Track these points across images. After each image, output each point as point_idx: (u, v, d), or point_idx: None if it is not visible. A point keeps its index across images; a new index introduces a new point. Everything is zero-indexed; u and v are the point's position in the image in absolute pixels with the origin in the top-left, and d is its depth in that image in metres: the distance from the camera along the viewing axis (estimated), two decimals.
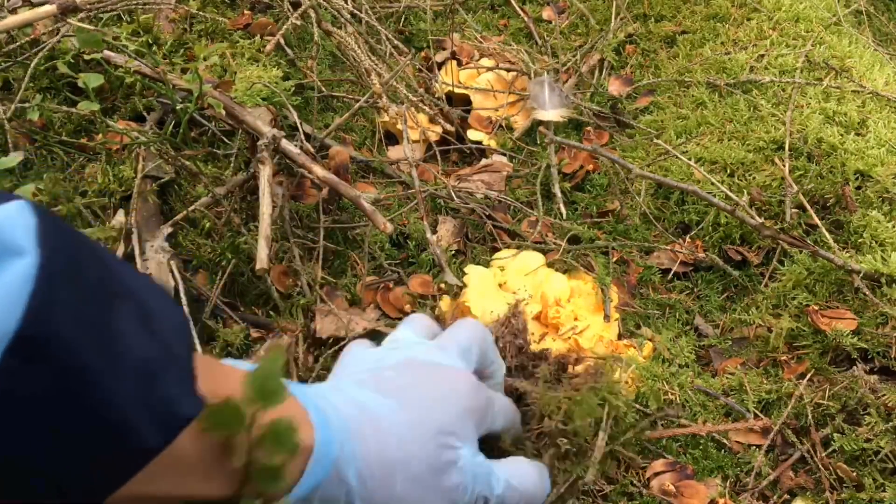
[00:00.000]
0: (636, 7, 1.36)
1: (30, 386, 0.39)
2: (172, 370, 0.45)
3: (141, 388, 0.43)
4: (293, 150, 0.94)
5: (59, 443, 0.41)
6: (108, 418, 0.42)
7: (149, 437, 0.43)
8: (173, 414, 0.45)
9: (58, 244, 0.40)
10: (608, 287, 0.92)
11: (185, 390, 0.46)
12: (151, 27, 1.14)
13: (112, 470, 0.43)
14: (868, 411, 0.77)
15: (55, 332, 0.39)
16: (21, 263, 0.38)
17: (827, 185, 1.00)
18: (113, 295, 0.44)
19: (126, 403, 0.42)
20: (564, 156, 1.13)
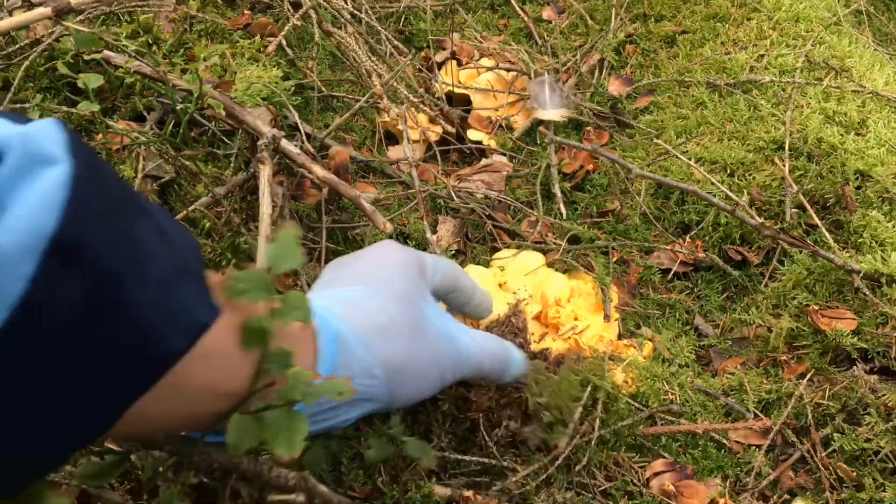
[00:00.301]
0: (636, 7, 1.36)
1: (66, 288, 0.40)
2: (190, 280, 0.47)
3: (163, 295, 0.44)
4: (293, 150, 0.94)
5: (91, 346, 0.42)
6: (135, 322, 0.43)
7: (171, 341, 0.45)
8: (194, 319, 0.46)
9: (85, 155, 0.42)
10: (608, 287, 0.92)
11: (202, 298, 0.48)
12: (151, 27, 1.14)
13: (137, 375, 0.45)
14: (868, 411, 0.77)
15: (88, 237, 0.40)
16: (55, 171, 0.40)
17: (827, 185, 1.00)
18: (133, 208, 0.45)
19: (150, 308, 0.44)
20: (564, 156, 1.13)
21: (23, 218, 0.38)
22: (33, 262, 0.38)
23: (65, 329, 0.40)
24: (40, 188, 0.39)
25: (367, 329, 0.63)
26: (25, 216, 0.38)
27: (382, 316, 0.65)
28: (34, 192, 0.39)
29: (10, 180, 0.40)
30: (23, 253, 0.38)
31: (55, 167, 0.40)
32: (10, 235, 0.38)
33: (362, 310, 0.65)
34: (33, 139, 0.41)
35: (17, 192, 0.39)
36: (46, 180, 0.39)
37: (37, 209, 0.39)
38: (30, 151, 0.40)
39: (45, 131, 0.41)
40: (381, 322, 0.64)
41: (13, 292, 0.38)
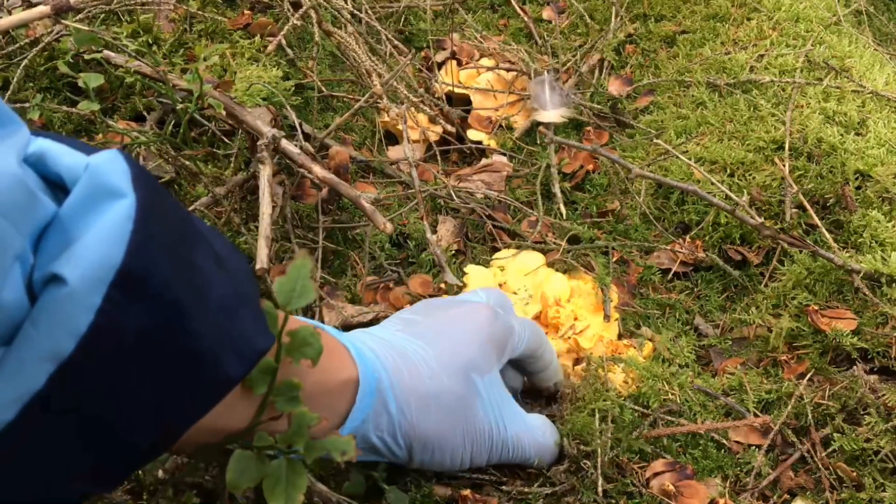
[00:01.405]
0: (636, 7, 1.36)
1: (132, 319, 0.41)
2: (246, 307, 0.48)
3: (222, 322, 0.46)
4: (293, 150, 0.94)
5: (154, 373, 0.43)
6: (197, 350, 0.44)
7: (230, 367, 0.46)
8: (251, 346, 0.48)
9: (149, 187, 0.43)
10: (608, 287, 0.92)
11: (258, 326, 0.49)
12: (151, 27, 1.14)
13: (197, 399, 0.46)
14: (868, 411, 0.77)
15: (153, 268, 0.42)
16: (122, 204, 0.41)
17: (827, 185, 1.00)
18: (193, 237, 0.47)
19: (212, 336, 0.45)
20: (564, 156, 1.13)
21: (91, 251, 0.40)
22: (100, 294, 0.39)
23: (129, 358, 0.42)
24: (108, 221, 0.40)
25: (410, 392, 0.63)
26: (94, 249, 0.40)
27: (432, 384, 0.64)
28: (102, 226, 0.40)
29: (78, 212, 0.41)
30: (91, 285, 0.39)
31: (121, 200, 0.41)
32: (79, 269, 0.39)
33: (414, 369, 0.64)
34: (100, 172, 0.42)
35: (85, 224, 0.41)
36: (113, 213, 0.41)
37: (104, 242, 0.40)
38: (97, 184, 0.42)
39: (112, 164, 0.43)
40: (427, 389, 0.64)
41: (82, 324, 0.39)
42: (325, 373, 0.58)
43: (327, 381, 0.58)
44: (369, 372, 0.61)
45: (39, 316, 0.39)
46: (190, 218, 0.48)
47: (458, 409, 0.66)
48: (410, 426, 0.63)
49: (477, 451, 0.67)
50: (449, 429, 0.65)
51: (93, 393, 0.41)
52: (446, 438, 0.65)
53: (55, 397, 0.40)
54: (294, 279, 0.51)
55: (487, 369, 0.68)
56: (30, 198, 0.40)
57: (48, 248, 0.41)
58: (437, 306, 0.74)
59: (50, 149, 0.43)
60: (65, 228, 0.41)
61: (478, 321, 0.70)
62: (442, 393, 0.65)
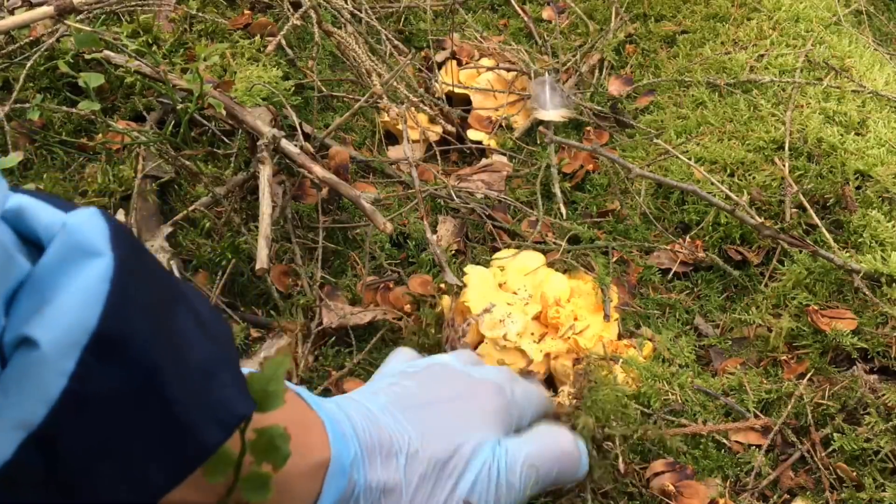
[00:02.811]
0: (636, 7, 1.36)
1: (105, 383, 0.39)
2: (227, 371, 0.47)
3: (202, 387, 0.44)
4: (293, 150, 0.94)
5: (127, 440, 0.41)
6: (174, 416, 0.43)
7: (208, 435, 0.45)
8: (231, 412, 0.46)
9: (128, 248, 0.42)
10: (608, 287, 0.92)
11: (239, 390, 0.47)
12: (151, 27, 1.14)
13: (173, 467, 0.44)
14: (868, 411, 0.77)
15: (129, 332, 0.40)
16: (98, 264, 0.40)
17: (827, 185, 1.00)
18: (173, 298, 0.45)
19: (190, 402, 0.43)
20: (564, 156, 1.13)
21: (65, 313, 0.38)
22: (74, 359, 0.38)
23: (102, 424, 0.40)
24: (83, 282, 0.39)
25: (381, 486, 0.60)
26: (68, 311, 0.38)
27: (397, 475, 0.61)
28: (77, 286, 0.39)
29: (53, 272, 0.39)
30: (64, 349, 0.38)
31: (98, 259, 0.40)
32: (52, 333, 0.38)
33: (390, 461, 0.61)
34: (77, 230, 0.40)
35: (60, 284, 0.39)
36: (89, 274, 0.39)
37: (79, 304, 0.38)
38: (73, 242, 0.40)
39: (89, 222, 0.41)
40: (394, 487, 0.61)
41: (53, 390, 0.38)
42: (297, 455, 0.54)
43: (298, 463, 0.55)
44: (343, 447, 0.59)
45: (9, 382, 0.37)
46: (171, 278, 0.47)
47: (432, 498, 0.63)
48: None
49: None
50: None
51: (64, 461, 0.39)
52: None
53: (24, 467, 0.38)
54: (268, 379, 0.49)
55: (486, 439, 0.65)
56: (4, 257, 0.39)
57: (20, 309, 0.39)
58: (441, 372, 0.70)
59: (28, 205, 0.42)
60: (38, 289, 0.39)
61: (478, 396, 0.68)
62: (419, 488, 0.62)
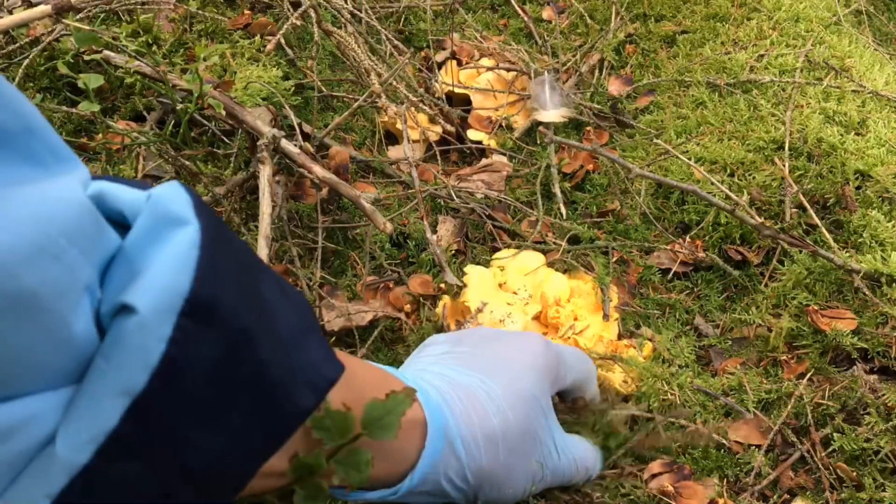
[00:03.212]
0: (636, 7, 1.36)
1: (202, 347, 0.40)
2: (313, 335, 0.47)
3: (292, 352, 0.45)
4: (293, 150, 0.94)
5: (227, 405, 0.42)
6: (268, 380, 0.43)
7: (301, 398, 0.45)
8: (322, 376, 0.47)
9: (210, 216, 0.42)
10: (608, 287, 0.92)
11: (326, 354, 0.48)
12: (151, 27, 1.14)
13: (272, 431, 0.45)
14: (868, 411, 0.77)
15: (221, 296, 0.40)
16: (186, 232, 0.40)
17: (827, 185, 1.00)
18: (255, 264, 0.46)
19: (282, 365, 0.44)
20: (564, 156, 1.13)
21: (159, 279, 0.38)
22: (171, 324, 0.38)
23: (202, 389, 0.40)
24: (173, 249, 0.39)
25: (476, 431, 0.61)
26: (162, 277, 0.38)
27: (497, 420, 0.62)
28: (168, 254, 0.39)
29: (143, 242, 0.40)
30: (161, 314, 0.38)
31: (186, 228, 0.40)
32: (148, 298, 0.38)
33: (479, 408, 0.62)
34: (162, 202, 0.41)
35: (151, 253, 0.40)
36: (179, 241, 0.40)
37: (172, 270, 0.39)
38: (160, 213, 0.41)
39: (173, 193, 0.42)
40: (493, 428, 0.62)
41: (154, 354, 0.38)
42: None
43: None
44: (435, 414, 0.59)
45: (110, 349, 0.38)
46: (250, 248, 0.47)
47: (524, 445, 0.64)
48: (479, 468, 0.61)
49: (537, 482, 0.66)
50: (517, 465, 0.63)
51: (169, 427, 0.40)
52: (514, 475, 0.63)
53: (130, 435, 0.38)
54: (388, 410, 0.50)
55: (544, 401, 0.66)
56: (98, 227, 0.39)
57: (115, 279, 0.39)
58: (488, 337, 0.71)
59: (108, 188, 0.43)
60: (130, 259, 0.40)
61: (532, 350, 0.68)
62: (508, 431, 0.62)
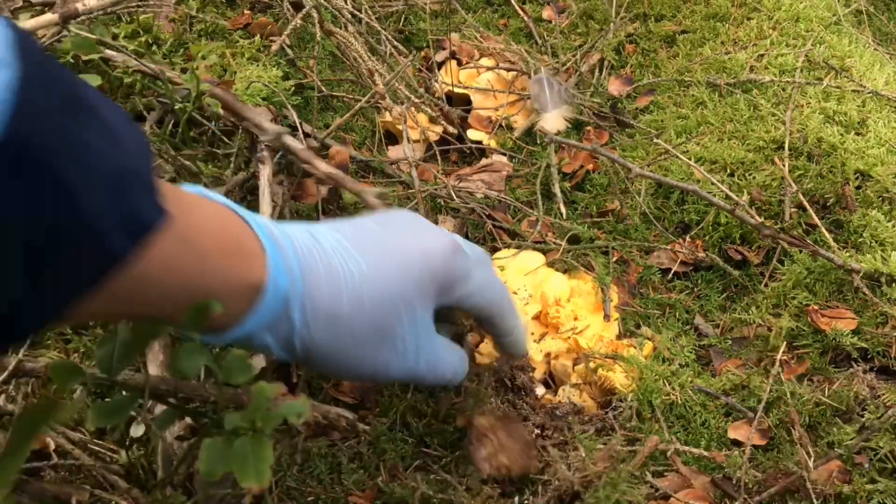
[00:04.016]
0: (636, 7, 1.36)
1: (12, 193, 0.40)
2: (136, 182, 0.47)
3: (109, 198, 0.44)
4: (297, 146, 0.93)
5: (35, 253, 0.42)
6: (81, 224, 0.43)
7: (116, 242, 0.45)
8: (138, 221, 0.46)
9: (34, 58, 0.41)
10: (608, 287, 0.93)
11: (148, 200, 0.47)
12: (151, 27, 1.14)
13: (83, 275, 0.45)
14: (867, 410, 0.77)
15: (36, 142, 0.40)
16: (2, 74, 0.39)
17: (827, 185, 1.00)
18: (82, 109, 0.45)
19: (96, 211, 0.44)
20: (564, 155, 1.13)
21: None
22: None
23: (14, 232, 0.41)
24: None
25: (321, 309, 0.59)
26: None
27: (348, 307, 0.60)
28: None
29: None
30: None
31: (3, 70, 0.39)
32: None
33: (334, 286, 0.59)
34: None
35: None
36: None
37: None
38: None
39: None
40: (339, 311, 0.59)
41: None
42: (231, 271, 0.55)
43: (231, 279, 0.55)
44: (281, 279, 0.57)
45: None
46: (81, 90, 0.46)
47: (370, 340, 0.61)
48: (311, 342, 0.59)
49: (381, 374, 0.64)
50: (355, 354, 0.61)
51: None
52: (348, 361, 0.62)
53: None
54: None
55: (419, 304, 0.63)
56: None
57: None
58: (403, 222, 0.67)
59: None
60: None
61: (432, 251, 0.64)
62: (356, 320, 0.60)
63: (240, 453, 0.51)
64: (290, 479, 0.72)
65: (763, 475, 0.75)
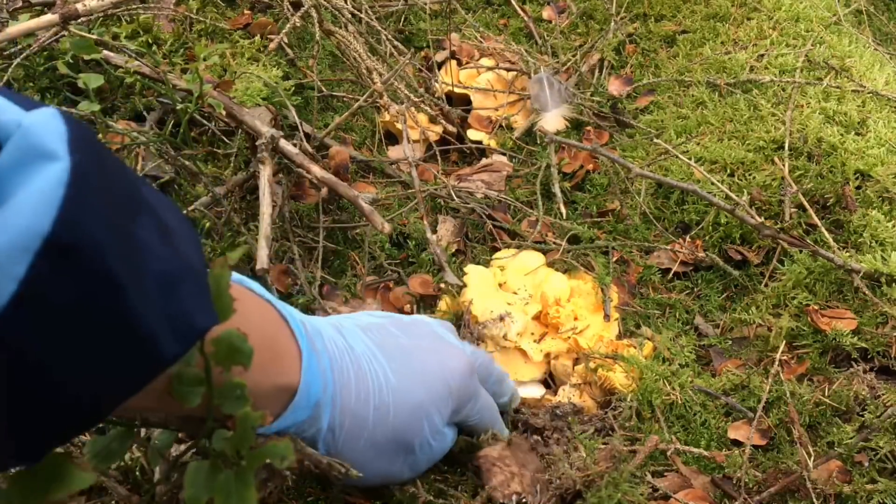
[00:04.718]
0: (636, 7, 1.36)
1: (58, 291, 0.38)
2: (190, 283, 0.46)
3: (161, 299, 0.43)
4: (292, 150, 0.94)
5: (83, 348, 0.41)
6: (131, 326, 0.42)
7: (167, 346, 0.44)
8: (190, 325, 0.45)
9: (88, 152, 0.40)
10: (608, 287, 0.92)
11: (201, 303, 0.46)
12: (151, 27, 1.14)
13: (129, 378, 0.44)
14: (867, 410, 0.77)
15: (85, 239, 0.39)
16: (54, 168, 0.38)
17: (827, 185, 1.00)
18: (136, 206, 0.44)
19: (148, 312, 0.42)
20: (564, 155, 1.13)
21: (18, 217, 0.37)
22: (25, 264, 0.37)
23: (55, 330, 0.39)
24: (38, 186, 0.38)
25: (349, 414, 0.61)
26: (20, 215, 0.37)
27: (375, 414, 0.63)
28: (32, 190, 0.37)
29: (7, 174, 0.38)
30: (16, 254, 0.37)
31: (55, 164, 0.38)
32: (4, 236, 0.36)
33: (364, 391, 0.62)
34: (32, 133, 0.39)
35: (13, 187, 0.38)
36: (45, 178, 0.38)
37: (33, 208, 0.37)
38: (29, 145, 0.39)
39: (47, 124, 0.40)
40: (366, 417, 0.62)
41: (3, 294, 0.37)
42: (266, 375, 0.56)
43: (263, 382, 0.55)
44: (314, 385, 0.59)
45: None
46: (136, 186, 0.45)
47: (389, 449, 0.64)
48: (333, 446, 0.62)
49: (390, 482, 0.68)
50: (374, 461, 0.64)
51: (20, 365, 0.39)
52: (367, 465, 0.63)
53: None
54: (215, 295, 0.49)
55: (437, 419, 0.67)
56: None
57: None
58: (423, 334, 0.71)
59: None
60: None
61: (453, 368, 0.68)
62: (378, 426, 0.63)
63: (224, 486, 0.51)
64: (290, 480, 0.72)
65: (763, 475, 0.75)
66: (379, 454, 0.64)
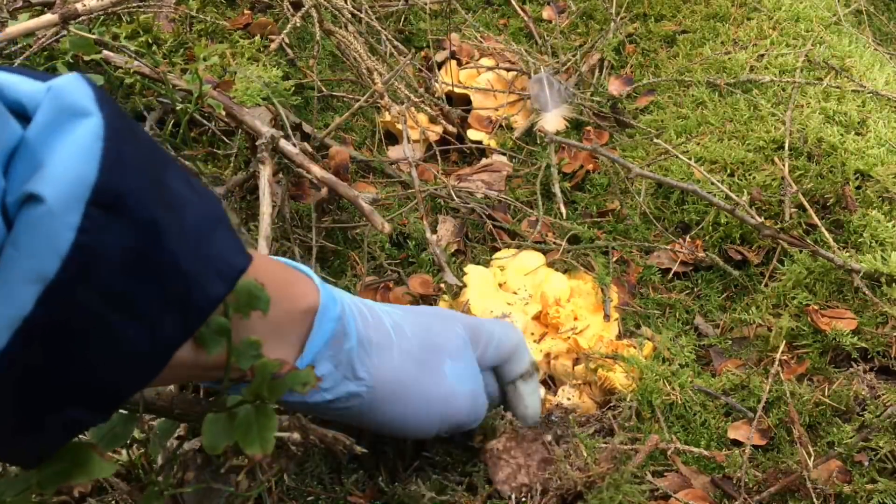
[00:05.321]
0: (636, 7, 1.36)
1: (111, 236, 0.40)
2: (222, 227, 0.48)
3: (201, 242, 0.45)
4: (291, 150, 0.94)
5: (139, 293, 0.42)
6: (179, 269, 0.43)
7: (213, 287, 0.46)
8: (230, 265, 0.47)
9: (114, 108, 0.42)
10: (608, 287, 0.92)
11: (235, 245, 0.48)
12: (151, 27, 1.14)
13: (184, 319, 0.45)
14: (867, 410, 0.77)
15: (127, 187, 0.41)
16: (89, 122, 0.40)
17: (827, 185, 1.00)
18: (163, 158, 0.46)
19: (191, 255, 0.44)
20: (564, 155, 1.13)
21: (64, 169, 0.38)
22: (79, 213, 0.38)
23: (114, 276, 0.41)
24: (77, 140, 0.39)
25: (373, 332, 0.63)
26: (67, 168, 0.38)
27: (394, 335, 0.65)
28: (71, 144, 0.39)
29: (45, 133, 0.40)
30: (69, 203, 0.38)
31: (88, 119, 0.40)
32: (54, 187, 0.38)
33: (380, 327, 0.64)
34: (63, 93, 0.41)
35: (54, 144, 0.39)
36: (82, 132, 0.40)
37: (77, 160, 0.39)
38: (61, 105, 0.40)
39: (74, 84, 0.42)
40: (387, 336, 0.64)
41: (64, 242, 0.38)
42: (291, 301, 0.57)
43: (288, 309, 0.57)
44: (331, 300, 0.60)
45: (19, 236, 0.38)
46: (157, 142, 0.47)
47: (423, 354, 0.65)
48: (371, 363, 0.62)
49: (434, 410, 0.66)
50: (412, 378, 0.64)
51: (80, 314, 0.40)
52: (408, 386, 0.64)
53: (45, 320, 0.39)
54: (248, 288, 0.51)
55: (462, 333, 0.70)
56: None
57: (18, 170, 0.39)
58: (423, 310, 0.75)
59: (6, 79, 0.42)
60: (33, 150, 0.39)
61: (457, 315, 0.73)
62: (404, 339, 0.65)
63: (243, 423, 0.51)
64: (290, 479, 0.72)
65: (763, 475, 0.75)
66: (419, 364, 0.65)
